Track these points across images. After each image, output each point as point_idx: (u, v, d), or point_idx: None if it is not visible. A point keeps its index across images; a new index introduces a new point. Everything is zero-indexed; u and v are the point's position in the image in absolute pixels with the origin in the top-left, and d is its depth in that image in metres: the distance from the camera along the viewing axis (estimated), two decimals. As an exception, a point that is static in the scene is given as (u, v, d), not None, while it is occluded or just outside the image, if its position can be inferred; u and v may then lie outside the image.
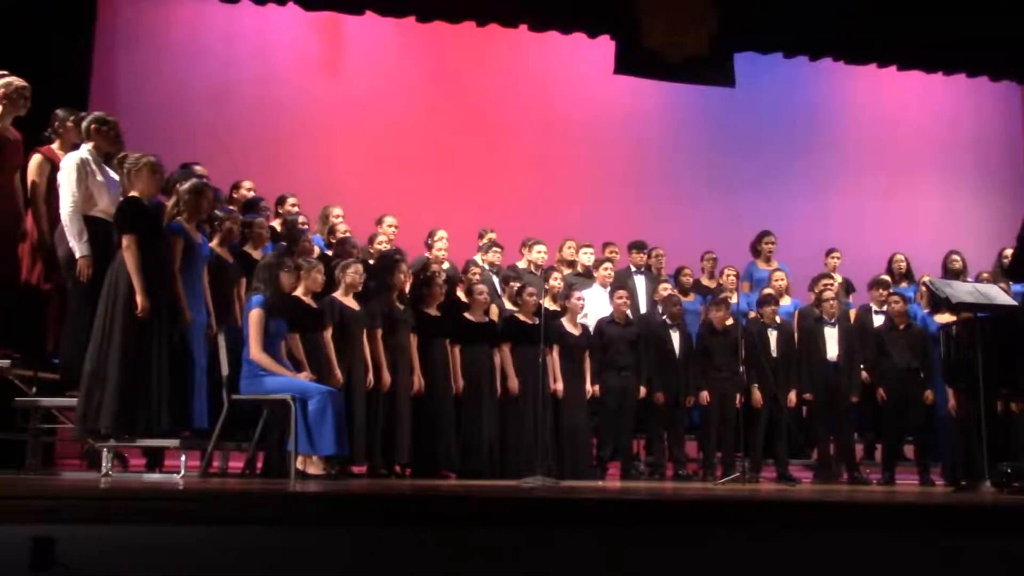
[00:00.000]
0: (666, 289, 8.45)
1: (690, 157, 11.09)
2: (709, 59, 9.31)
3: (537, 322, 7.27)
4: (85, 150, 5.88)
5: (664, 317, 8.21)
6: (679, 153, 11.10)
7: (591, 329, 8.02)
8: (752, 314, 8.34)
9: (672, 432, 8.07)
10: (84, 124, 5.96)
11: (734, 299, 8.19)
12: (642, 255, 8.97)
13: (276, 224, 7.40)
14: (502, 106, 10.68)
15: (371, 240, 7.67)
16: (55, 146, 6.19)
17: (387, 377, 6.76)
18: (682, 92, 10.53)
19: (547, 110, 10.78)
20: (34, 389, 5.97)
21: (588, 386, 7.80)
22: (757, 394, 7.94)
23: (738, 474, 7.39)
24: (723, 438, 7.95)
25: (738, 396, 7.82)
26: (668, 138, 11.11)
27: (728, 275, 8.82)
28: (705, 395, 7.98)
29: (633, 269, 8.94)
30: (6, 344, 5.94)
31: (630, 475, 7.85)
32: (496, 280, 8.17)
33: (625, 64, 9.25)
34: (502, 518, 3.80)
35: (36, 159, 6.09)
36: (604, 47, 9.54)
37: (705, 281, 9.18)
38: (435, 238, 8.06)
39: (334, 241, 7.45)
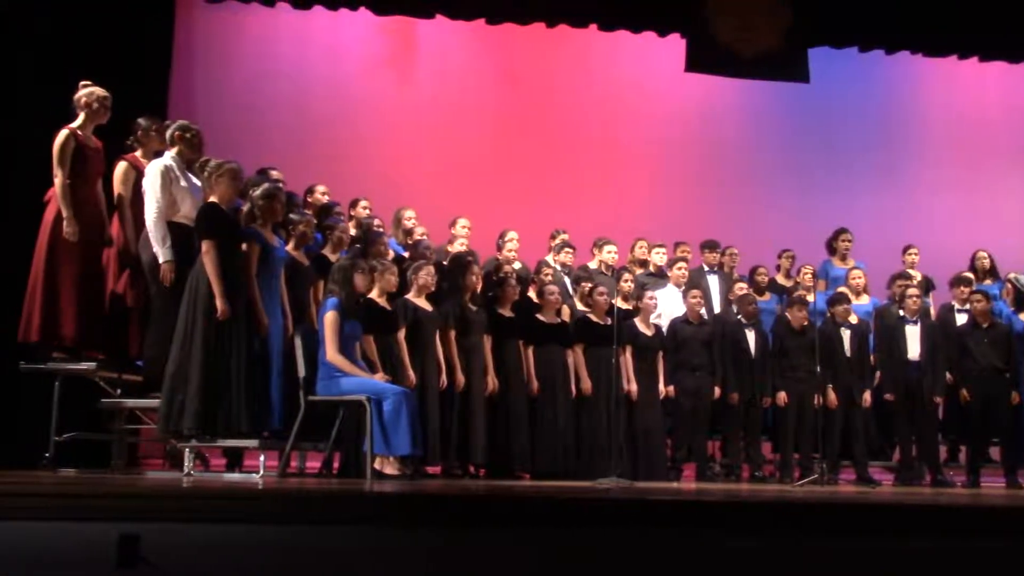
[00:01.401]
0: (741, 288, 8.37)
1: (764, 154, 10.94)
2: (782, 54, 9.19)
3: (610, 322, 7.25)
4: (169, 157, 6.00)
5: (739, 317, 8.13)
6: (752, 150, 10.95)
7: (664, 329, 7.97)
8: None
9: (748, 433, 7.99)
10: (169, 132, 6.10)
11: (811, 298, 8.07)
12: (715, 254, 8.89)
13: (350, 227, 7.49)
14: (573, 106, 10.66)
15: (450, 242, 7.74)
16: (139, 154, 6.33)
17: (461, 378, 6.79)
18: (755, 89, 10.40)
19: (618, 110, 10.73)
20: (119, 391, 6.13)
21: (662, 387, 7.77)
22: (832, 394, 7.81)
23: (816, 476, 7.27)
24: (801, 439, 7.84)
25: (816, 397, 7.71)
26: (741, 135, 10.97)
27: (805, 273, 8.70)
28: (782, 396, 7.88)
29: (706, 268, 8.86)
30: (92, 347, 6.11)
31: (705, 477, 7.78)
32: (568, 281, 8.16)
33: (696, 61, 9.17)
34: (577, 519, 3.80)
35: (122, 167, 6.23)
36: (675, 45, 9.47)
37: (781, 280, 9.06)
38: (506, 239, 8.10)
39: (410, 243, 7.52)
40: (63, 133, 6.00)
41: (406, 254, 7.42)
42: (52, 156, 5.96)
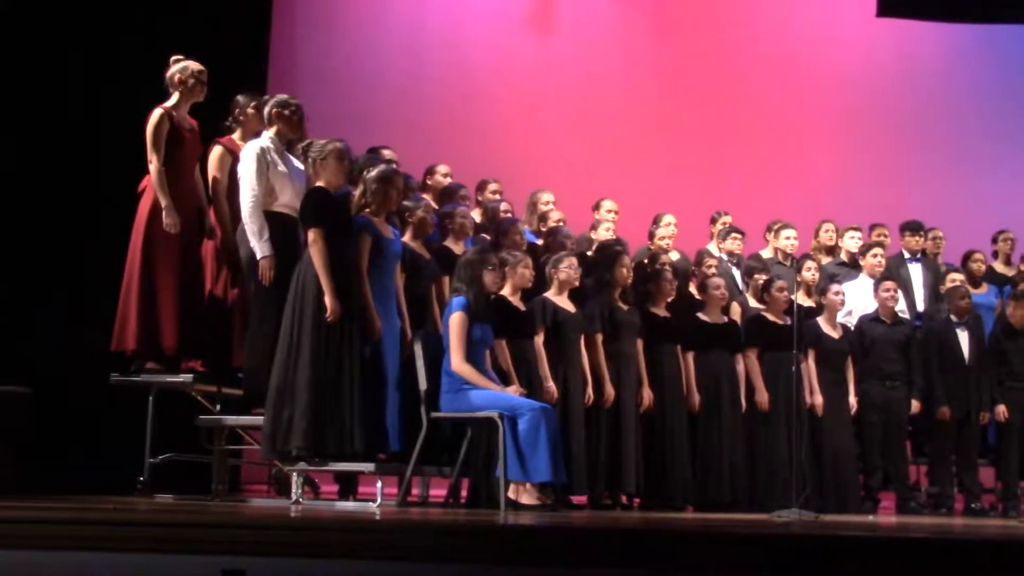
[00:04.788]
0: (953, 280, 8.14)
1: (979, 114, 10.65)
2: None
3: (789, 322, 7.15)
4: (266, 137, 6.13)
5: (950, 314, 7.91)
6: (964, 111, 10.66)
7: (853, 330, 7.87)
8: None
9: (962, 456, 7.82)
10: (266, 109, 6.20)
11: (1040, 290, 7.82)
12: (918, 238, 8.69)
13: (476, 214, 7.57)
14: (740, 64, 10.55)
15: (591, 228, 7.76)
16: (236, 136, 6.52)
17: (610, 390, 6.80)
18: (965, 35, 10.11)
19: (795, 66, 10.57)
20: (218, 407, 6.34)
21: (852, 399, 7.67)
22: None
23: (1049, 509, 7.06)
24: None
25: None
26: (949, 93, 10.68)
27: (1034, 260, 8.44)
28: (1002, 409, 7.69)
29: (907, 255, 8.68)
30: (192, 356, 6.33)
31: (908, 509, 7.67)
32: (737, 273, 8.11)
33: (891, 4, 8.98)
34: (750, 559, 3.76)
35: (216, 152, 6.43)
36: (864, -15, 9.30)
37: (1000, 268, 8.80)
38: (661, 224, 8.07)
39: (546, 230, 7.55)
40: (157, 113, 6.19)
41: (540, 242, 7.45)
42: (146, 140, 6.16)
